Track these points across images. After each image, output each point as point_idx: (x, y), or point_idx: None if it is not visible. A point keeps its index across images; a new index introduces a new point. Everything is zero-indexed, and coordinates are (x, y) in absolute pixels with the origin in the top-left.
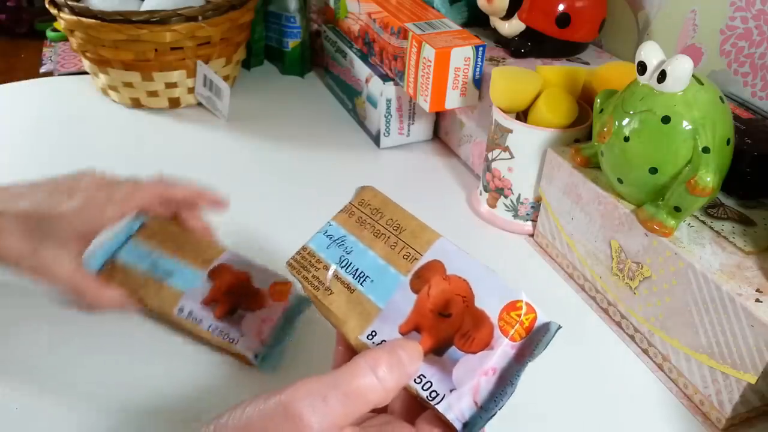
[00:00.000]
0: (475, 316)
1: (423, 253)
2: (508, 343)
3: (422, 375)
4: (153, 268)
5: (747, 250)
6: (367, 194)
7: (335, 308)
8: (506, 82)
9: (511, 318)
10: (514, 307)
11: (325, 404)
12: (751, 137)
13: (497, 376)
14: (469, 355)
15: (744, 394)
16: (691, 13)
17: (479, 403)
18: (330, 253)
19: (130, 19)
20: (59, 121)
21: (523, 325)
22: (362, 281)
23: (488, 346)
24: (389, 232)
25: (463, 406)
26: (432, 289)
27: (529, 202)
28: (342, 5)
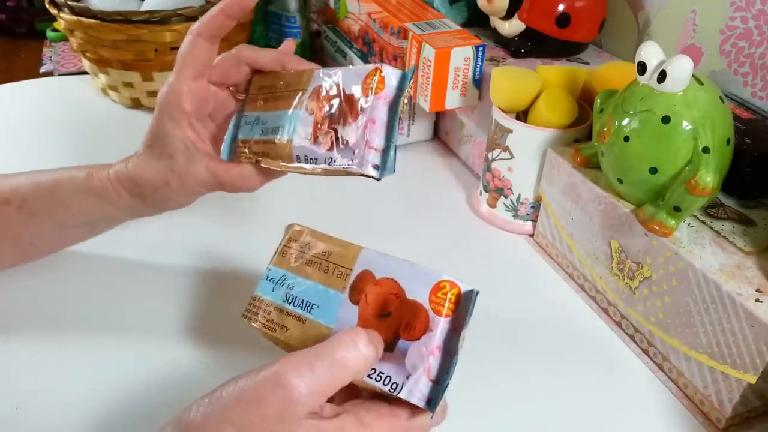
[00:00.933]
0: (410, 308)
1: (352, 267)
2: (443, 320)
3: (381, 372)
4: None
5: (747, 250)
6: (292, 232)
7: (293, 341)
8: (506, 82)
9: (439, 298)
10: (438, 288)
11: (313, 372)
12: (751, 137)
13: (441, 351)
14: (415, 342)
15: (744, 394)
16: (691, 13)
17: (434, 378)
18: (275, 295)
19: (130, 19)
20: (59, 121)
21: (451, 300)
22: (310, 310)
23: (428, 329)
24: (320, 259)
25: (421, 386)
26: (368, 296)
27: (529, 202)
28: (342, 5)
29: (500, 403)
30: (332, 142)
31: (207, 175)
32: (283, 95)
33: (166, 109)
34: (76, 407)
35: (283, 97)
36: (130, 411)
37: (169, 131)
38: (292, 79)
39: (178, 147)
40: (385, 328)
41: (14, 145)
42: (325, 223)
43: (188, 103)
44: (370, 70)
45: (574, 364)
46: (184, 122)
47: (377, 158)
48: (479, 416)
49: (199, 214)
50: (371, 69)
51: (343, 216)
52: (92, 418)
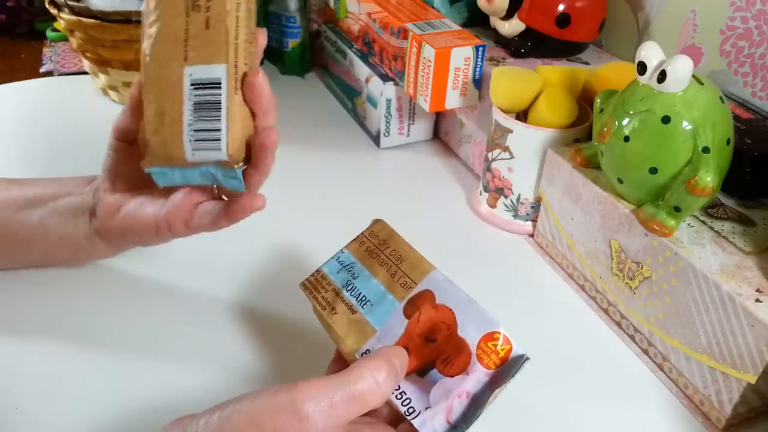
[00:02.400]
0: (456, 344)
1: (417, 282)
2: (483, 370)
3: (403, 392)
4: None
5: (747, 250)
6: (377, 227)
7: (337, 327)
8: (506, 82)
9: (488, 348)
10: (491, 338)
11: (330, 405)
12: (751, 137)
13: (470, 399)
14: (447, 378)
15: (744, 394)
16: (691, 13)
17: (451, 422)
18: (339, 277)
19: (130, 19)
20: (59, 121)
21: (498, 354)
22: (363, 304)
23: (464, 371)
24: (391, 261)
25: (436, 423)
26: (422, 315)
27: (529, 202)
28: (342, 5)
29: (499, 403)
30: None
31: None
32: (388, 264)
33: None
34: (76, 407)
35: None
36: (130, 411)
37: None
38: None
39: None
40: (425, 353)
41: (14, 145)
42: (325, 221)
43: None
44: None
45: (574, 364)
46: None
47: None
48: None
49: None
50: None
51: (343, 215)
52: (92, 418)
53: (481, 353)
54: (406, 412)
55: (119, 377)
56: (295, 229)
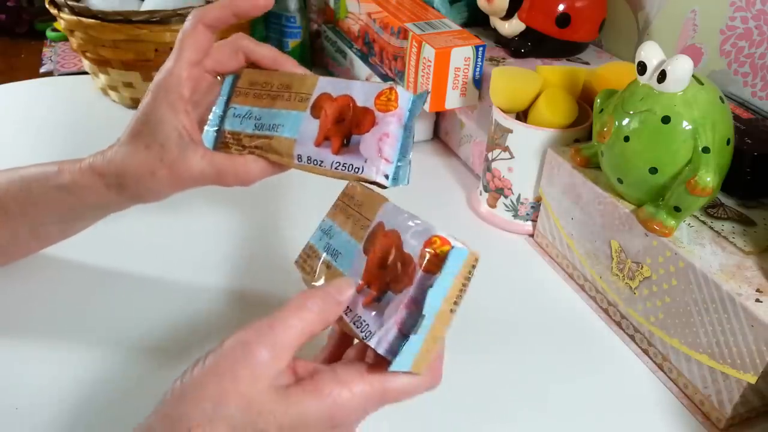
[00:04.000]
0: (403, 260)
1: (372, 219)
2: (423, 274)
3: (363, 320)
4: (258, 127)
5: (747, 250)
6: (348, 186)
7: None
8: (506, 82)
9: (427, 253)
10: (429, 243)
11: (273, 333)
12: (751, 137)
13: (414, 303)
14: (397, 294)
15: (744, 394)
16: (691, 13)
17: (404, 331)
18: (321, 243)
19: (130, 19)
20: (59, 121)
21: (437, 255)
22: (336, 258)
23: (411, 282)
24: (354, 210)
25: (390, 338)
26: (376, 247)
27: (529, 202)
28: (342, 5)
29: (500, 403)
30: (340, 146)
31: (203, 166)
32: (281, 95)
33: (164, 94)
34: (77, 407)
35: (281, 98)
36: (130, 410)
37: (165, 118)
38: (293, 81)
39: (171, 135)
40: (381, 280)
41: (14, 145)
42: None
43: (187, 88)
44: (384, 88)
45: (574, 364)
46: (181, 109)
47: (389, 169)
48: (479, 416)
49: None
50: (385, 87)
51: None
52: (92, 417)
53: (422, 260)
54: (364, 337)
55: (119, 377)
56: (294, 227)
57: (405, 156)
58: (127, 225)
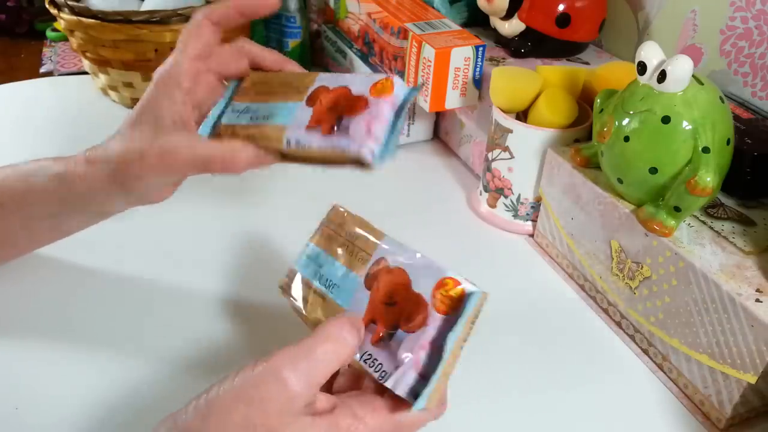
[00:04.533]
0: (414, 300)
1: (372, 253)
2: (439, 317)
3: (375, 359)
4: (253, 119)
5: (747, 250)
6: (332, 213)
7: (312, 316)
8: (506, 82)
9: (440, 294)
10: (442, 285)
11: (307, 365)
12: (751, 137)
13: (432, 346)
14: (411, 334)
15: (744, 394)
16: (691, 13)
17: (422, 373)
18: (308, 271)
19: (130, 19)
20: (59, 121)
21: (452, 298)
22: (331, 289)
23: (425, 323)
24: (348, 242)
25: (407, 379)
26: (380, 283)
27: (529, 202)
28: (342, 5)
29: (500, 403)
30: (330, 129)
31: (191, 152)
32: (280, 91)
33: (163, 84)
34: (77, 407)
35: (280, 93)
36: (130, 410)
37: (161, 105)
38: (293, 78)
39: (164, 121)
40: (390, 317)
41: (14, 145)
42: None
43: (187, 81)
44: (381, 77)
45: (574, 364)
46: (178, 99)
47: (375, 147)
48: (479, 416)
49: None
50: (382, 77)
51: None
52: (92, 417)
53: (435, 301)
54: (379, 377)
55: (118, 377)
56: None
57: (392, 137)
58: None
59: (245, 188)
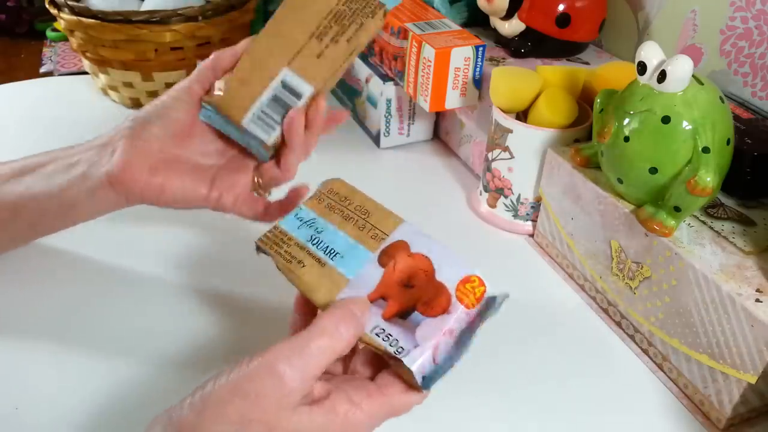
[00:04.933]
0: (435, 288)
1: (389, 233)
2: (463, 309)
3: (389, 334)
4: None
5: (747, 250)
6: (335, 184)
7: (307, 278)
8: (506, 82)
9: (466, 289)
10: (468, 281)
11: (302, 360)
12: (751, 137)
13: (455, 337)
14: (430, 318)
15: (744, 394)
16: (691, 13)
17: (437, 360)
18: (301, 233)
19: (130, 19)
20: (59, 121)
21: (476, 295)
22: (333, 257)
23: (446, 311)
24: (357, 216)
25: (424, 360)
26: (398, 264)
27: (529, 202)
28: None
29: (500, 403)
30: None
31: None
32: (354, 218)
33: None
34: (77, 407)
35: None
36: (129, 408)
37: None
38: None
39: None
40: (406, 299)
41: (14, 145)
42: None
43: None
44: (473, 275)
45: (574, 364)
46: None
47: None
48: (479, 415)
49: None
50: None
51: None
52: (92, 416)
53: (460, 295)
54: (396, 352)
55: (118, 376)
56: None
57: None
58: (127, 225)
59: None
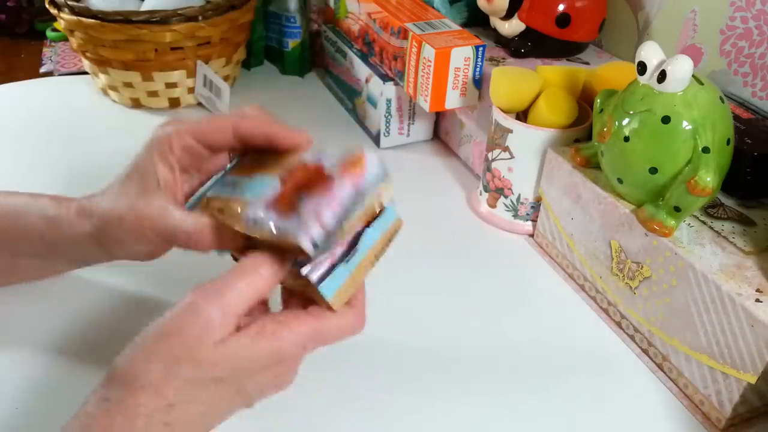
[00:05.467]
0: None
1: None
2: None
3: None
4: (233, 191)
5: (747, 250)
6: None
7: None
8: (506, 82)
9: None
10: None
11: (222, 298)
12: (751, 137)
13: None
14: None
15: (744, 394)
16: (691, 13)
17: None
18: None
19: (130, 19)
20: (59, 121)
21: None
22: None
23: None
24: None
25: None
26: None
27: (529, 202)
28: (342, 5)
29: (500, 403)
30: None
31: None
32: (268, 165)
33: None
34: (76, 406)
35: (268, 167)
36: None
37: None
38: (288, 153)
39: (151, 186)
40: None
41: (14, 145)
42: None
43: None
44: (355, 154)
45: (574, 364)
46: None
47: (319, 234)
48: (479, 415)
49: None
50: (356, 154)
51: None
52: None
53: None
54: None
55: None
56: None
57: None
58: None
59: None
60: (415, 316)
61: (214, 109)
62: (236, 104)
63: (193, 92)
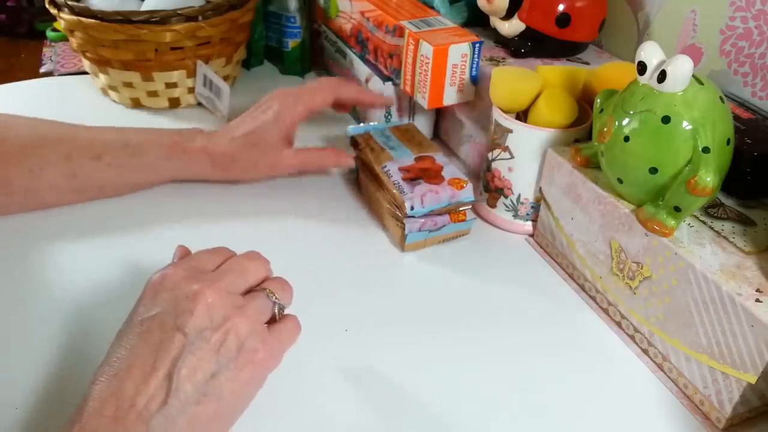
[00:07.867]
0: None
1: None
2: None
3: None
4: (386, 143)
5: (747, 250)
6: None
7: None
8: (506, 82)
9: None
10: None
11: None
12: (751, 137)
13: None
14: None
15: (744, 394)
16: (691, 13)
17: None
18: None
19: (130, 19)
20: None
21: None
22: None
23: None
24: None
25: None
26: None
27: (529, 202)
28: (333, 4)
29: (500, 403)
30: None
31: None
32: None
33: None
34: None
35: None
36: None
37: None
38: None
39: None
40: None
41: None
42: (323, 219)
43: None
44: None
45: (574, 364)
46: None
47: (417, 207)
48: (479, 416)
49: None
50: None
51: (342, 214)
52: None
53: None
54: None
55: None
56: (293, 226)
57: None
58: (132, 226)
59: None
60: (414, 316)
61: (214, 108)
62: (236, 104)
63: (193, 92)
